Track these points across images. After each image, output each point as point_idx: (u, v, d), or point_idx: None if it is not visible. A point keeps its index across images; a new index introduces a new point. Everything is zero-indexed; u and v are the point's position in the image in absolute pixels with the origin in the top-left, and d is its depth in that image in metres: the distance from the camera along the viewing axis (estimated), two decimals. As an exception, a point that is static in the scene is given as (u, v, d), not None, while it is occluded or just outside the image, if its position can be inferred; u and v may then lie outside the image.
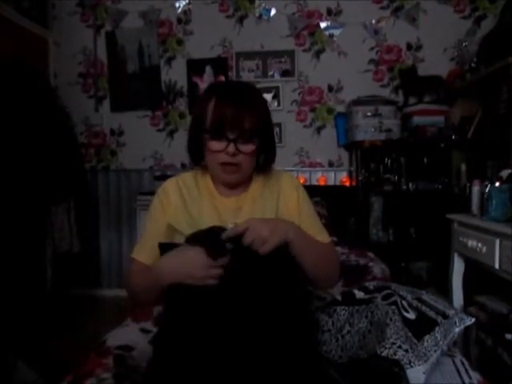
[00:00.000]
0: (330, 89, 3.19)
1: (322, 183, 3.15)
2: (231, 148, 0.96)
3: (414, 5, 3.07)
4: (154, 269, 0.96)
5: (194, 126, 1.04)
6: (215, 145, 0.98)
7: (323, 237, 1.08)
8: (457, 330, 0.92)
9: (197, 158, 1.07)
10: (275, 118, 1.13)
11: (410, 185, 2.85)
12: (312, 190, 1.22)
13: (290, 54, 3.18)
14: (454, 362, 0.97)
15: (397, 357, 0.81)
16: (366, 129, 2.79)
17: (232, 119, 0.95)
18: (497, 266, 1.73)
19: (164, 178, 2.55)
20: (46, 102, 2.66)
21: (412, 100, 2.98)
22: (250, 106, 0.98)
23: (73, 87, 3.37)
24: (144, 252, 1.06)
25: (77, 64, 3.37)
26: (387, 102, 2.88)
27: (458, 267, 2.17)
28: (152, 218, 1.08)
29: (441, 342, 0.88)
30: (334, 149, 3.19)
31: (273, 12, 3.17)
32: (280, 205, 1.06)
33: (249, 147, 0.99)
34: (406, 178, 2.87)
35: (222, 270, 0.87)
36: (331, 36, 3.15)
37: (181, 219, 1.02)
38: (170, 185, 1.09)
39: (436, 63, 3.02)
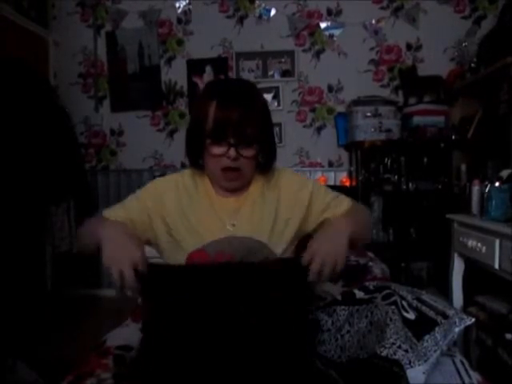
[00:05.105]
0: (330, 89, 3.18)
1: (322, 183, 3.14)
2: (232, 152, 0.95)
3: (413, 5, 3.07)
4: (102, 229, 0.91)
5: (193, 129, 1.02)
6: (216, 149, 0.96)
7: (346, 203, 1.12)
8: (457, 330, 0.92)
9: (195, 160, 1.05)
10: (275, 118, 1.12)
11: (410, 185, 2.85)
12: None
13: (290, 54, 3.18)
14: (453, 362, 0.97)
15: (397, 357, 0.81)
16: (366, 129, 2.79)
17: (234, 124, 0.93)
18: (497, 266, 1.73)
19: (164, 178, 2.55)
20: (46, 102, 2.66)
21: (412, 100, 2.98)
22: (251, 110, 0.96)
23: (73, 87, 3.36)
24: (112, 214, 1.03)
25: (77, 64, 3.36)
26: (387, 102, 2.88)
27: (458, 267, 2.16)
28: (136, 196, 1.07)
29: (441, 342, 0.88)
30: (334, 149, 3.19)
31: (273, 12, 3.17)
32: (280, 206, 1.04)
33: (250, 151, 0.98)
34: (406, 177, 2.87)
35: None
36: (331, 36, 3.15)
37: (179, 225, 1.00)
38: (168, 187, 1.07)
39: (436, 63, 3.02)
